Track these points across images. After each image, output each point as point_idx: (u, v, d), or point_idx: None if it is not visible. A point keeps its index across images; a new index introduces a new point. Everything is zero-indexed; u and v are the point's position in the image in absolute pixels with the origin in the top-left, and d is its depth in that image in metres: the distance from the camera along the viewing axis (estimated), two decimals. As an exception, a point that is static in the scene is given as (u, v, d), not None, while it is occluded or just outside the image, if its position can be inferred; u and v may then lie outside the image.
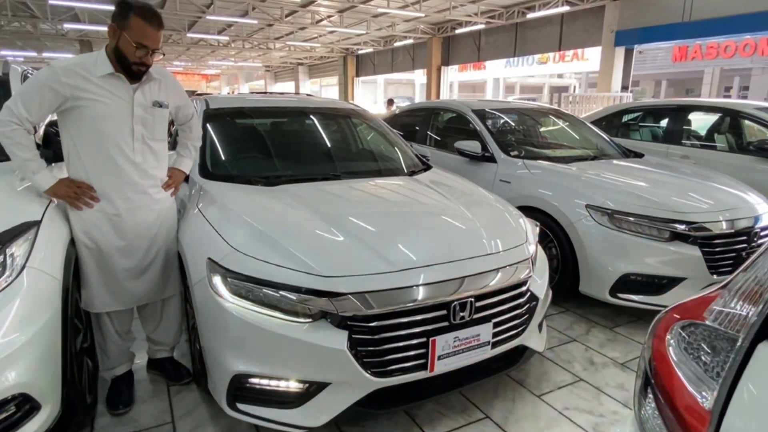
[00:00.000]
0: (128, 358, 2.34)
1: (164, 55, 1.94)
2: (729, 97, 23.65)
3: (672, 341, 0.86)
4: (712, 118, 5.37)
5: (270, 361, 1.77)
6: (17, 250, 1.59)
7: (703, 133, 5.39)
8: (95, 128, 1.90)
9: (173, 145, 2.41)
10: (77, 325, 1.98)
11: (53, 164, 2.16)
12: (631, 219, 2.97)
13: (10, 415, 1.45)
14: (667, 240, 2.91)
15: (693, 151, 5.08)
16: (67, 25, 16.93)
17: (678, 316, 0.94)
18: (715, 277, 2.90)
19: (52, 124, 2.36)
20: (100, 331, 2.20)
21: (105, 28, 2.04)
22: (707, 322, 0.86)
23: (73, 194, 1.93)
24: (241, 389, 1.82)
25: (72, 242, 1.97)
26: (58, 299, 1.69)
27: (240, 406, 1.84)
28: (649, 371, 0.89)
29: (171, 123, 2.30)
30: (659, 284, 2.96)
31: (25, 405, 1.49)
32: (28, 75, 2.87)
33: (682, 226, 2.90)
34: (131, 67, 1.90)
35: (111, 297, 2.11)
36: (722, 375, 0.76)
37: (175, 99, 2.15)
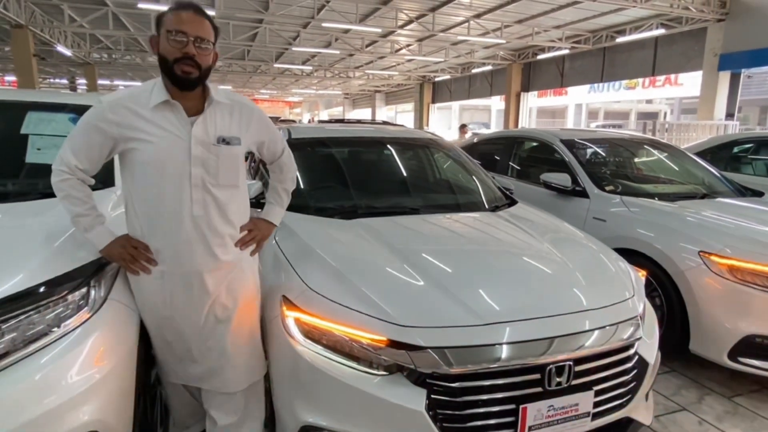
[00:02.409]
0: (203, 416, 1.98)
1: (217, 54, 1.60)
2: None
3: None
4: None
5: (340, 414, 1.63)
6: (100, 282, 1.59)
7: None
8: (145, 175, 1.55)
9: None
10: (154, 356, 1.97)
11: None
12: (757, 270, 2.54)
13: (79, 453, 1.42)
14: (805, 298, 2.45)
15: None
16: (170, 58, 18.66)
17: None
18: None
19: None
20: (169, 389, 1.96)
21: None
22: None
23: (128, 256, 1.59)
24: (308, 442, 1.69)
25: None
26: (135, 332, 1.68)
27: (307, 460, 1.71)
28: None
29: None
30: (794, 350, 2.49)
31: (96, 442, 1.46)
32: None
33: (825, 283, 2.43)
34: (175, 71, 1.49)
35: (179, 369, 1.82)
36: None
37: (256, 133, 1.74)
